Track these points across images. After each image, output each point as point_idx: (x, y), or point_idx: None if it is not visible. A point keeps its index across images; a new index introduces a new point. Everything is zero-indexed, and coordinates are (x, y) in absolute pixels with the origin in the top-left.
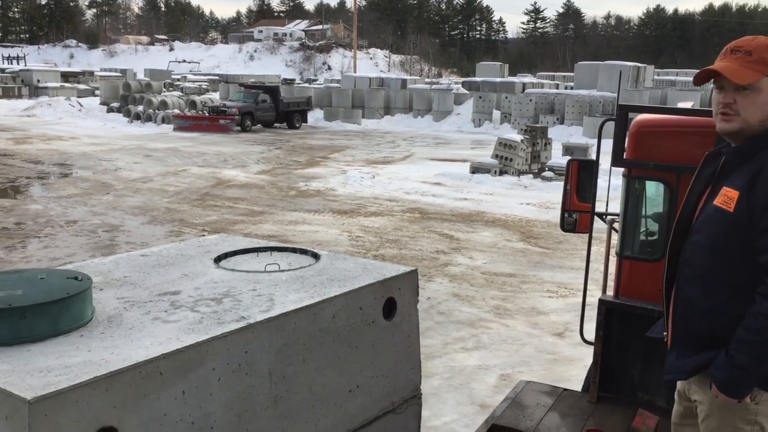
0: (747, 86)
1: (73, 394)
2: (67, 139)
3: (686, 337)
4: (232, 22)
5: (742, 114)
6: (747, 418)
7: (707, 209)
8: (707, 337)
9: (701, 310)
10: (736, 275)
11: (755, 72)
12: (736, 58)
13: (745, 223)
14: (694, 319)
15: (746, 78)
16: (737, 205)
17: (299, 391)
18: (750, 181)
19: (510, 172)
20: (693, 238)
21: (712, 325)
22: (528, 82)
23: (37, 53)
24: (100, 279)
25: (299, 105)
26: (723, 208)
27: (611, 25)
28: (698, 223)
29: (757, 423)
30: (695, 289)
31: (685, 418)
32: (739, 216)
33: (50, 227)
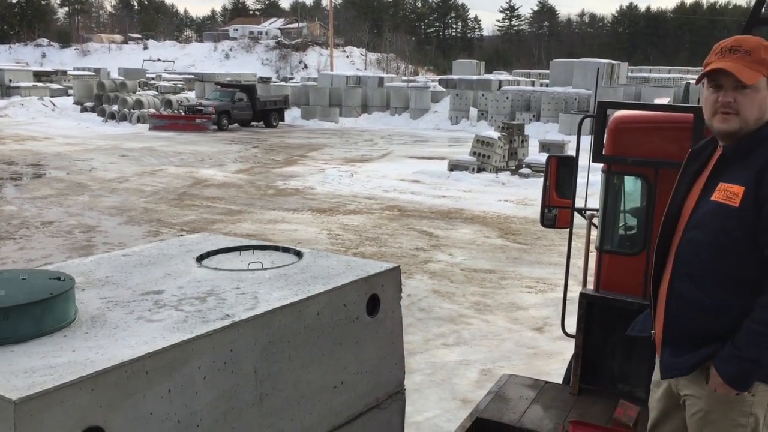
0: (749, 85)
1: (59, 395)
2: (41, 140)
3: (682, 334)
4: (207, 20)
5: (741, 113)
6: (743, 410)
7: (705, 205)
8: (704, 333)
9: (701, 306)
10: (740, 270)
11: (756, 72)
12: (737, 58)
13: (753, 217)
14: (691, 316)
15: (751, 78)
16: (743, 200)
17: (284, 389)
18: (756, 175)
19: (488, 170)
20: (689, 235)
21: (714, 321)
22: (504, 80)
23: (8, 52)
24: (82, 279)
25: (276, 103)
26: (727, 204)
27: (585, 22)
28: (694, 219)
29: (752, 414)
30: (691, 285)
31: (668, 413)
32: (745, 211)
33: (25, 228)
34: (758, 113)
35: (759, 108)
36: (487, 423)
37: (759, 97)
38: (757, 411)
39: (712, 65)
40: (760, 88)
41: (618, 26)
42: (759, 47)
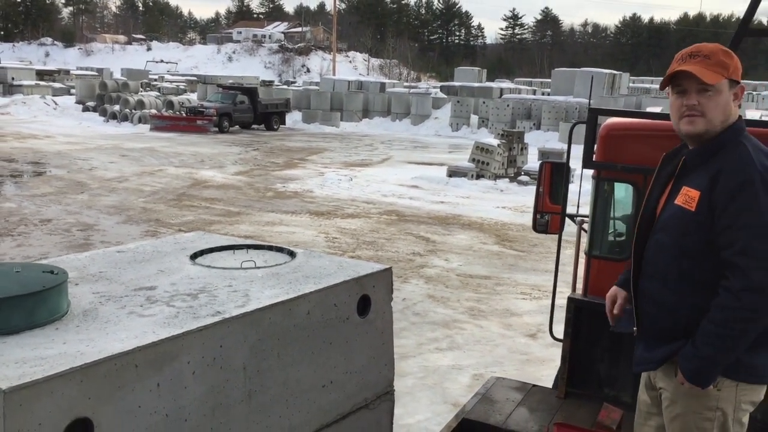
0: (710, 88)
1: (48, 385)
2: (42, 138)
3: (652, 330)
4: (211, 22)
5: (706, 114)
6: (709, 405)
7: (668, 208)
8: (672, 330)
9: (665, 304)
10: (698, 271)
11: (717, 74)
12: (697, 62)
13: (707, 221)
14: (658, 314)
15: (713, 78)
16: (698, 204)
17: (273, 386)
18: (710, 181)
19: (486, 176)
20: (655, 237)
21: (676, 318)
22: (505, 88)
23: (12, 51)
24: (76, 274)
25: (277, 107)
26: (684, 208)
27: (588, 32)
28: (660, 221)
29: (719, 409)
30: (658, 285)
31: (652, 408)
32: (700, 215)
33: (24, 225)
34: (722, 115)
35: (722, 110)
36: (472, 424)
37: (722, 98)
38: (724, 406)
39: (673, 69)
40: (722, 90)
41: (621, 37)
42: (717, 51)
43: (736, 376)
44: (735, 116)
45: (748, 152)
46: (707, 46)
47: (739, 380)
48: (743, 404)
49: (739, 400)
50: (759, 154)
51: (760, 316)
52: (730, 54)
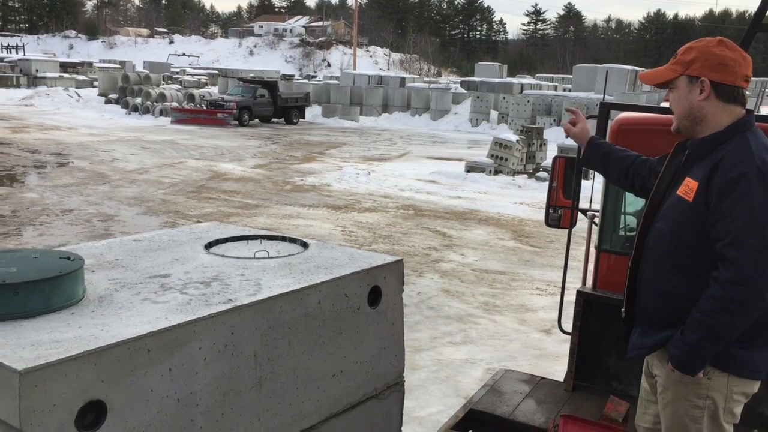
0: (669, 85)
1: (63, 367)
2: (65, 129)
3: (648, 316)
4: (233, 16)
5: (674, 111)
6: (699, 393)
7: (671, 198)
8: (666, 317)
9: (661, 292)
10: (693, 261)
11: (669, 71)
12: (668, 62)
13: (702, 212)
14: (654, 301)
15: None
16: (696, 195)
17: (284, 374)
18: (708, 173)
19: (505, 172)
20: (656, 225)
21: (670, 306)
22: (526, 83)
23: (36, 43)
24: (93, 261)
25: (297, 101)
26: (683, 198)
27: (611, 28)
28: (661, 210)
29: (709, 398)
30: (656, 272)
31: (651, 396)
32: (697, 206)
33: (45, 215)
34: (682, 109)
35: (681, 104)
36: (479, 414)
37: (678, 94)
38: (714, 395)
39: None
40: (678, 86)
41: (645, 33)
42: (684, 49)
43: (727, 368)
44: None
45: (749, 146)
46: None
47: (731, 373)
48: (735, 395)
49: (731, 391)
50: (760, 150)
51: (746, 309)
52: (694, 49)
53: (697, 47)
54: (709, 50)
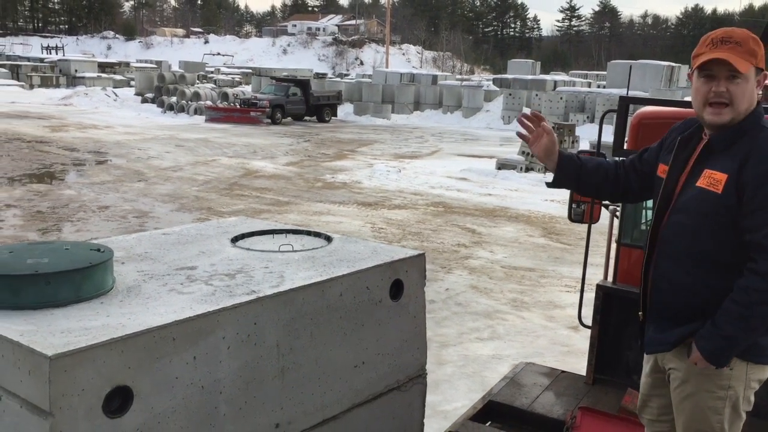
0: (740, 75)
1: (91, 353)
2: (102, 128)
3: (665, 311)
4: (267, 16)
5: (734, 102)
6: (722, 384)
7: (689, 190)
8: (686, 311)
9: (681, 285)
10: (718, 253)
11: (746, 61)
12: (729, 48)
13: (733, 203)
14: (673, 294)
15: (744, 66)
16: (725, 186)
17: (306, 364)
18: (740, 164)
19: (536, 169)
20: (674, 218)
21: (692, 299)
22: (560, 80)
23: (75, 44)
24: (123, 254)
25: (329, 99)
26: (709, 190)
27: (648, 24)
28: (679, 203)
29: (731, 387)
30: (675, 265)
31: (655, 389)
32: (726, 198)
33: (83, 212)
34: (747, 103)
35: (749, 98)
36: (498, 406)
37: (749, 86)
38: (735, 384)
39: (706, 55)
40: (749, 78)
41: (682, 28)
42: (748, 38)
43: (748, 356)
44: (755, 102)
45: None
46: (737, 31)
47: (749, 360)
48: (752, 382)
49: (749, 379)
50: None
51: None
52: (758, 41)
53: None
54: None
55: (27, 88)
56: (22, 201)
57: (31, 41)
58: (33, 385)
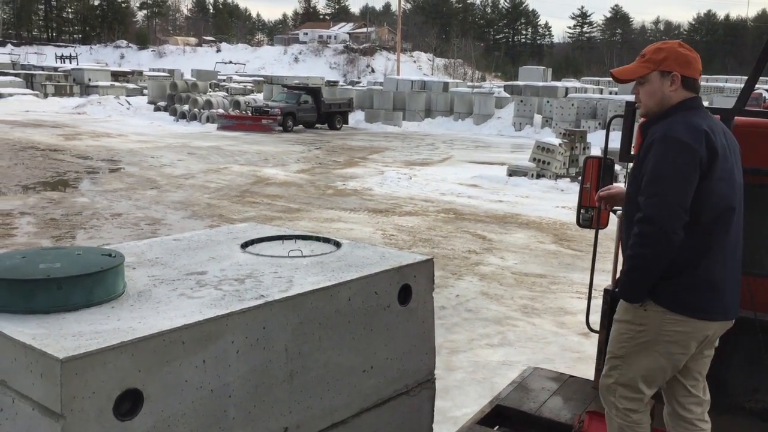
0: (644, 80)
1: (102, 356)
2: (115, 136)
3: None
4: (278, 24)
5: (642, 101)
6: (636, 320)
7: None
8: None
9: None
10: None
11: (642, 68)
12: (636, 61)
13: (639, 174)
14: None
15: (629, 74)
16: (636, 162)
17: (314, 368)
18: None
19: (547, 176)
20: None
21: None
22: (571, 87)
23: (89, 53)
24: (134, 259)
25: (340, 106)
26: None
27: (660, 30)
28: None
29: (643, 325)
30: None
31: None
32: (635, 169)
33: (96, 219)
34: (654, 100)
35: (652, 96)
36: (506, 410)
37: (651, 87)
38: (648, 325)
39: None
40: (651, 80)
41: (695, 34)
42: (651, 49)
43: (660, 301)
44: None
45: (671, 121)
46: (651, 45)
47: (663, 306)
48: (669, 331)
49: (665, 327)
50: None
51: (651, 242)
52: (660, 50)
53: (666, 48)
54: (676, 50)
55: (41, 97)
56: (36, 208)
57: (46, 50)
58: (45, 388)
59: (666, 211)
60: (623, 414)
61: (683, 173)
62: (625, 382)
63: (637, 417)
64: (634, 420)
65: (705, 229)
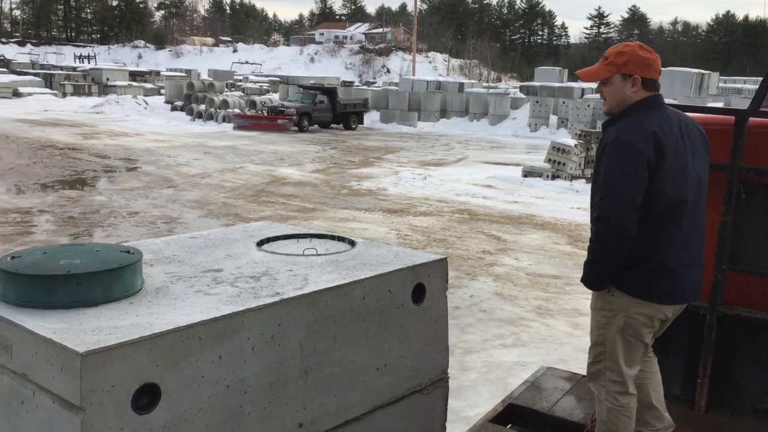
0: (606, 81)
1: (120, 351)
2: (133, 136)
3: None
4: (295, 24)
5: (606, 99)
6: (605, 306)
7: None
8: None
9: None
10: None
11: (605, 70)
12: (599, 63)
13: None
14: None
15: (593, 76)
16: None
17: (329, 365)
18: (600, 147)
19: (562, 177)
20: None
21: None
22: (587, 87)
23: (107, 53)
24: (152, 256)
25: (356, 106)
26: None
27: (678, 31)
28: None
29: (612, 311)
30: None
31: None
32: (594, 171)
33: (113, 217)
34: (615, 100)
35: (614, 95)
36: (518, 409)
37: (613, 88)
38: (617, 310)
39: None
40: (612, 82)
41: (713, 35)
42: (613, 53)
43: (627, 290)
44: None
45: (626, 122)
46: (612, 49)
47: (629, 294)
48: (635, 314)
49: (630, 310)
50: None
51: (606, 239)
52: (622, 53)
53: (627, 51)
54: (636, 53)
55: (60, 96)
56: (54, 207)
57: (65, 50)
58: (65, 381)
59: (617, 211)
60: (612, 398)
61: (632, 176)
62: (610, 366)
63: (624, 401)
64: (621, 404)
65: (657, 222)
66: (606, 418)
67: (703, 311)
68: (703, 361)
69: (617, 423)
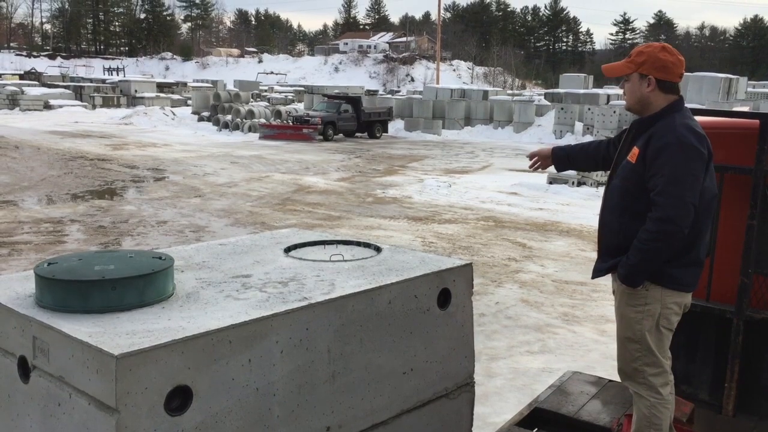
0: (628, 78)
1: (154, 354)
2: (160, 146)
3: (605, 248)
4: (319, 34)
5: (626, 95)
6: (639, 301)
7: (623, 162)
8: (616, 248)
9: (614, 229)
10: (634, 205)
11: (625, 68)
12: (624, 59)
13: (641, 170)
14: (609, 236)
15: (614, 72)
16: (637, 158)
17: (356, 369)
18: (646, 142)
19: (588, 183)
20: (613, 182)
21: (619, 239)
22: (613, 94)
23: (135, 65)
24: (182, 263)
25: (380, 115)
26: (629, 161)
27: (705, 36)
28: (617, 171)
29: (648, 305)
30: (611, 215)
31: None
32: (638, 165)
33: (142, 226)
34: (634, 98)
35: (633, 93)
36: (544, 413)
37: (632, 86)
38: (652, 303)
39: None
40: (631, 80)
41: (741, 39)
42: (636, 51)
43: (662, 282)
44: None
45: (674, 123)
46: (638, 47)
47: (664, 286)
48: (669, 304)
49: (665, 301)
50: (681, 127)
51: (668, 238)
52: (642, 53)
53: (646, 52)
54: (655, 55)
55: (89, 108)
56: (85, 216)
57: (94, 63)
58: (100, 384)
59: (684, 211)
60: (655, 391)
61: (695, 176)
62: (648, 361)
63: (666, 392)
64: (664, 396)
65: (698, 216)
66: (648, 413)
67: (730, 315)
68: (731, 365)
69: (660, 416)
